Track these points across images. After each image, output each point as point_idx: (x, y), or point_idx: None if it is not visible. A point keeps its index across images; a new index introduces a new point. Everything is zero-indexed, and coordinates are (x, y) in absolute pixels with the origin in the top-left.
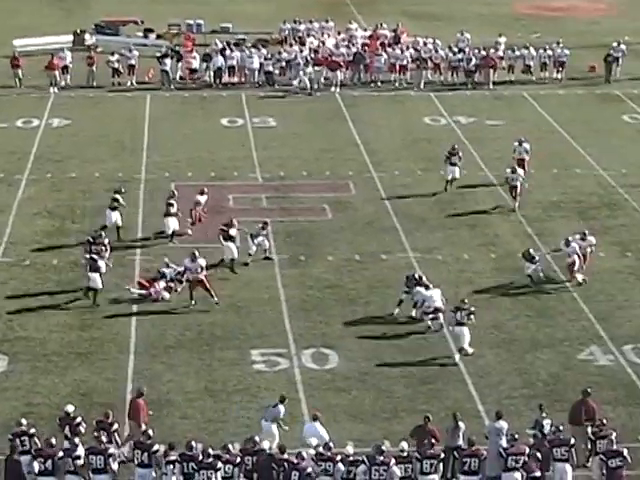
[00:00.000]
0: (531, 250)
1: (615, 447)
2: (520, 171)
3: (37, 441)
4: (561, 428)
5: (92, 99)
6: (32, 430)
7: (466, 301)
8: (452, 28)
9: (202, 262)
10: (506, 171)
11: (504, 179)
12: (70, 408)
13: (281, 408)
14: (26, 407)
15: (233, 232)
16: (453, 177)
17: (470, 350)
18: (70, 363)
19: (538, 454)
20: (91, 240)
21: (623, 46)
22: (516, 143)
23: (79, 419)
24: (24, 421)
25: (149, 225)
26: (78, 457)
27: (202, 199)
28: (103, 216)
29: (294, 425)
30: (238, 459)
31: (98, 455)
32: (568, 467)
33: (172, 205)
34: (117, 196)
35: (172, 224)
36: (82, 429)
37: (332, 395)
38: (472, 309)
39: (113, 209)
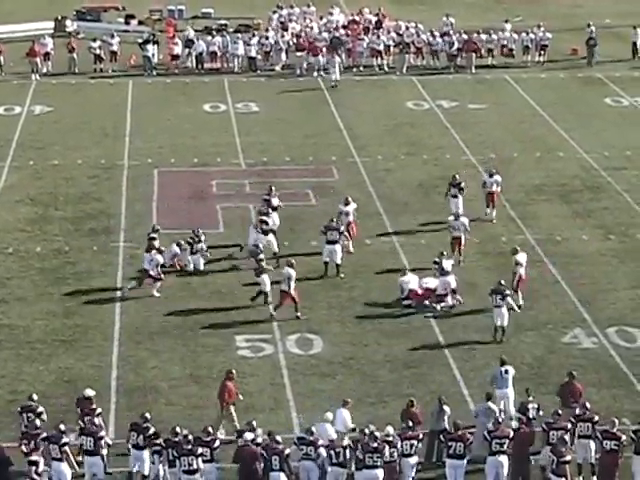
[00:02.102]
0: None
1: (615, 430)
2: (463, 219)
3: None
4: (560, 412)
5: (74, 86)
6: (40, 409)
7: (503, 282)
8: (436, 12)
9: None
10: (449, 218)
11: (447, 224)
12: (90, 392)
13: (510, 368)
14: (10, 395)
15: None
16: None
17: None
18: (54, 350)
19: (566, 437)
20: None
21: (593, 27)
22: (486, 175)
23: (93, 406)
24: (35, 397)
25: (132, 212)
26: (66, 444)
27: (350, 209)
28: (85, 202)
29: (280, 411)
30: (216, 442)
31: (88, 437)
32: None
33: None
34: (264, 218)
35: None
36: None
37: (317, 380)
38: (507, 292)
39: (265, 233)
